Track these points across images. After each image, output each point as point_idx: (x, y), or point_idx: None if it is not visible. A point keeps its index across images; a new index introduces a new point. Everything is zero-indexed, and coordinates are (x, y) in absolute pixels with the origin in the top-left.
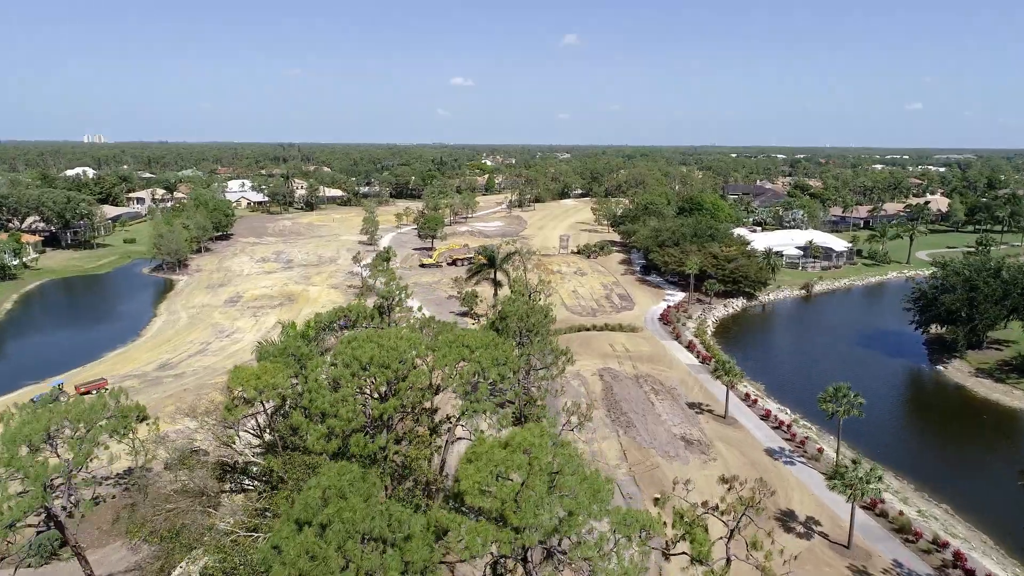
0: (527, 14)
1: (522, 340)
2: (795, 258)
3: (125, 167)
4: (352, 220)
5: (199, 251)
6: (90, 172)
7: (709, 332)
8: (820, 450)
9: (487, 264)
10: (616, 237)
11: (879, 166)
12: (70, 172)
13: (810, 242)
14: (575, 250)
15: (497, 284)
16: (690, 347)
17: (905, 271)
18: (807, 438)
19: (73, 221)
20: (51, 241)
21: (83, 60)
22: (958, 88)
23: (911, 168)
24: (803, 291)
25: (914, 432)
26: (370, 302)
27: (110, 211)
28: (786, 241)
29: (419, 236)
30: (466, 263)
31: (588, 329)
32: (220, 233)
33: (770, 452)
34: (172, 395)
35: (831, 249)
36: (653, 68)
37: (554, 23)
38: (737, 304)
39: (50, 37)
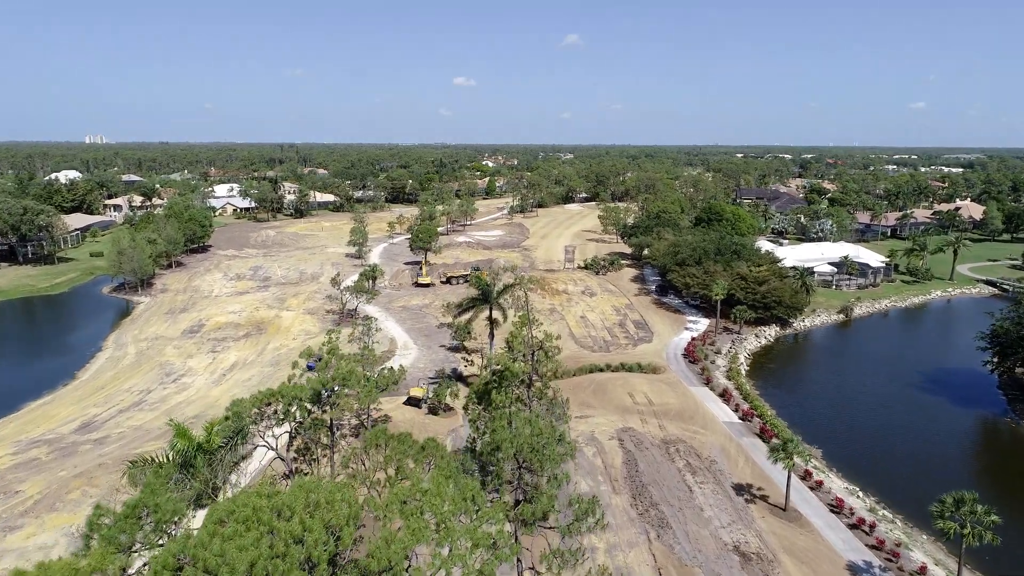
0: (528, 14)
1: (522, 483)
2: (828, 275)
3: (115, 169)
4: (342, 228)
5: (169, 266)
6: (72, 175)
7: (743, 372)
8: (923, 570)
9: (480, 298)
10: (625, 248)
11: (891, 167)
12: (55, 175)
13: (845, 257)
14: (582, 264)
15: (493, 322)
16: (725, 396)
17: (949, 289)
18: (899, 544)
19: (30, 234)
20: (8, 256)
21: (84, 61)
22: (961, 87)
23: (923, 169)
24: (841, 315)
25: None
26: (344, 335)
27: (82, 220)
28: (816, 255)
29: (411, 249)
30: (462, 281)
31: (601, 369)
32: (196, 245)
33: (854, 570)
34: (82, 473)
35: (867, 265)
36: (654, 67)
37: (556, 23)
38: (770, 333)
39: (51, 38)
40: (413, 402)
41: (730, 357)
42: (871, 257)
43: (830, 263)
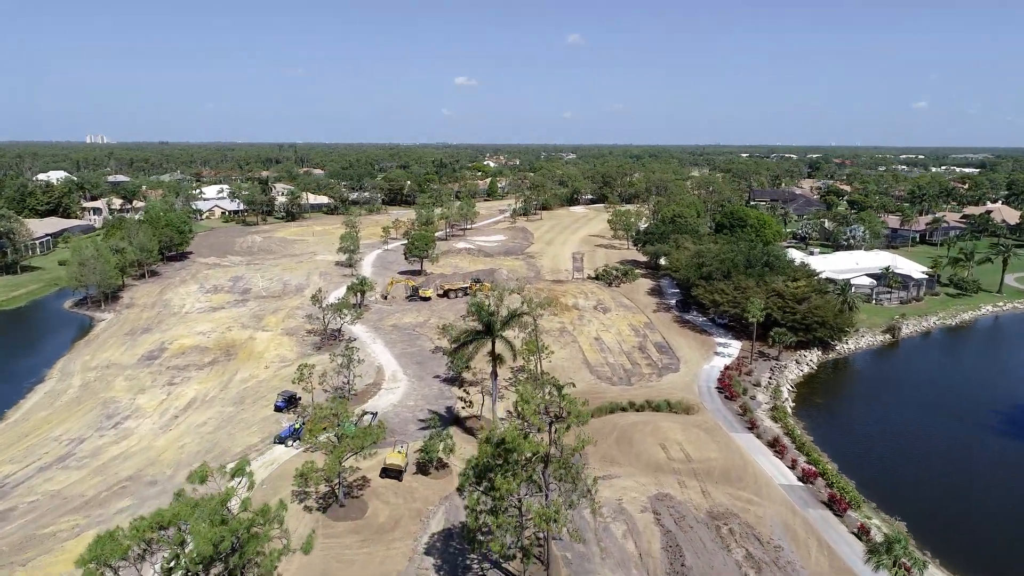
0: (530, 14)
1: None
2: (866, 288)
3: (107, 169)
4: (335, 233)
5: (143, 276)
6: (58, 176)
7: (790, 411)
8: None
9: (482, 331)
10: (638, 254)
11: (903, 167)
12: (41, 176)
13: (887, 269)
14: (592, 274)
15: (497, 358)
16: (776, 448)
17: (1000, 304)
18: None
19: None
20: None
21: (86, 61)
22: (963, 86)
23: (934, 169)
24: (888, 335)
25: None
26: (321, 368)
27: (57, 224)
28: (850, 265)
29: (405, 257)
30: (461, 294)
31: (623, 409)
32: (174, 252)
33: None
34: None
35: (908, 276)
36: (656, 67)
37: (557, 23)
38: (811, 358)
39: (54, 38)
40: (391, 473)
41: (772, 391)
42: (911, 267)
43: (868, 275)
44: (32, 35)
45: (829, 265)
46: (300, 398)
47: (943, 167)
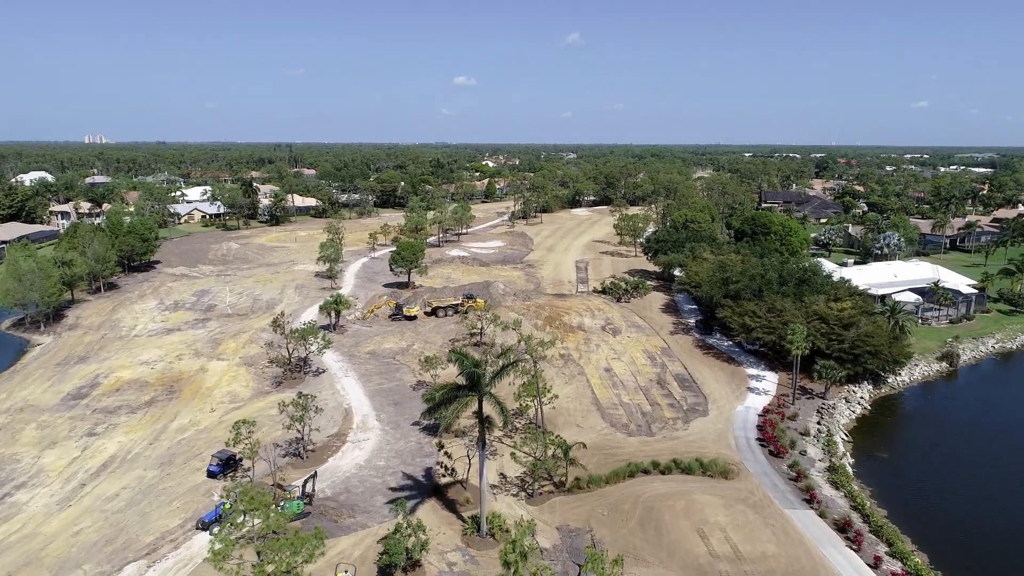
0: (530, 13)
1: None
2: (911, 306)
3: (93, 171)
4: (319, 239)
5: (99, 290)
6: (35, 176)
7: (851, 470)
8: None
9: (466, 386)
10: (645, 261)
11: (911, 167)
12: (22, 177)
13: (936, 284)
14: (598, 287)
15: (485, 422)
16: (848, 533)
17: None
18: None
19: None
20: None
21: (88, 60)
22: (963, 86)
23: (943, 169)
24: (944, 363)
25: None
26: (275, 403)
27: (19, 230)
28: (887, 278)
29: (391, 268)
30: (451, 312)
31: (646, 471)
32: (138, 262)
33: None
34: None
35: (957, 291)
36: (656, 67)
37: (556, 22)
38: (862, 395)
39: (54, 38)
40: None
41: (824, 442)
42: (956, 279)
43: (911, 289)
44: (31, 35)
45: (866, 278)
46: (240, 459)
47: (951, 167)
